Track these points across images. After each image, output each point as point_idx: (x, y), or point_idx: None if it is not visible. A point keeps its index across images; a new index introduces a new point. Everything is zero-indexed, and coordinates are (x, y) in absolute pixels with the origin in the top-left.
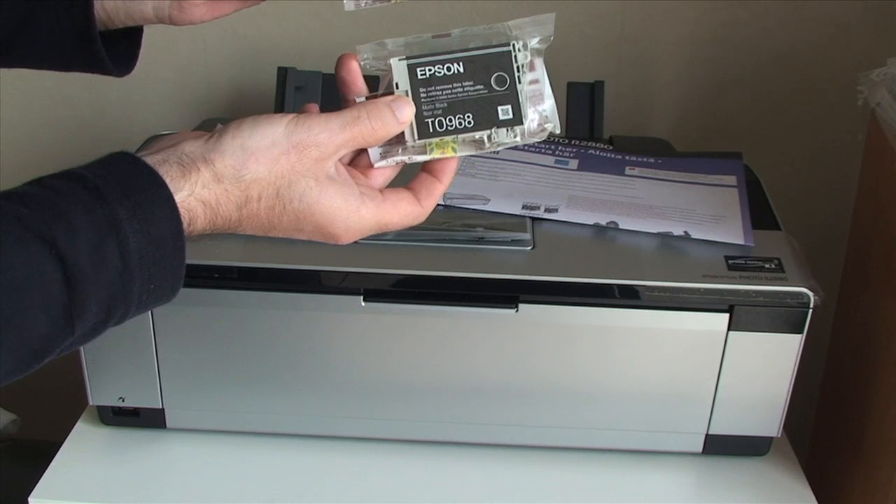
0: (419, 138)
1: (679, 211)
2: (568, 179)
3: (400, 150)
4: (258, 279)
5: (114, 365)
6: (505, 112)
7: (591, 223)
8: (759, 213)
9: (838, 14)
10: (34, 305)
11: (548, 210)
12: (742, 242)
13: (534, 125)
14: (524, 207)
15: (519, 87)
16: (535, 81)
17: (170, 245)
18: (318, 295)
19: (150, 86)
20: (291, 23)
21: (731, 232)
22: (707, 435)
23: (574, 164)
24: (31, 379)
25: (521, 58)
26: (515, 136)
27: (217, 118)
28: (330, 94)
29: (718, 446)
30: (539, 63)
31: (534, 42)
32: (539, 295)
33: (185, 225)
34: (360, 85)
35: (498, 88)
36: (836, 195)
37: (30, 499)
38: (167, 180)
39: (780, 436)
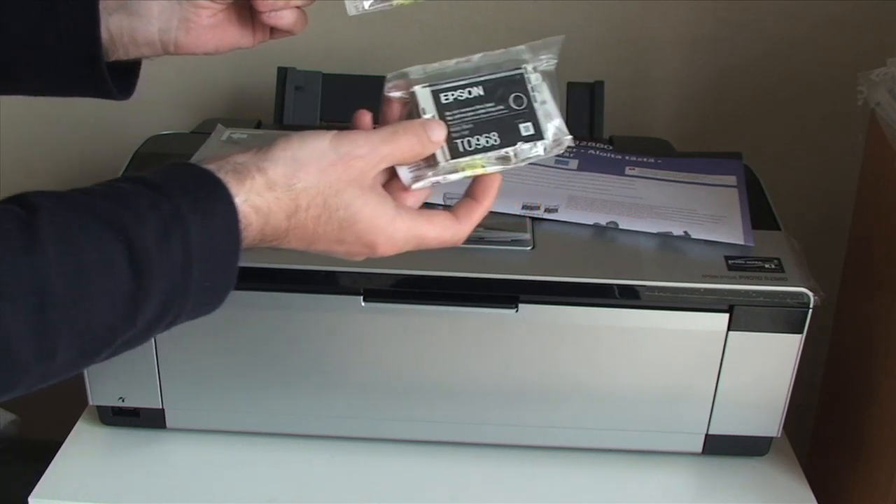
0: (451, 158)
1: (679, 211)
2: (568, 179)
3: (431, 172)
4: (258, 279)
5: (114, 365)
6: (526, 128)
7: (591, 223)
8: (759, 213)
9: (838, 14)
10: (101, 290)
11: (548, 210)
12: (742, 242)
13: (551, 139)
14: (524, 207)
15: (535, 105)
16: (544, 102)
17: (226, 242)
18: (318, 295)
19: (150, 86)
20: None
21: (731, 232)
22: (707, 435)
23: (574, 164)
24: None
25: (534, 79)
26: (538, 151)
27: (217, 118)
28: (330, 94)
29: (718, 446)
30: (545, 87)
31: (542, 65)
32: (539, 295)
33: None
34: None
35: (516, 108)
36: (836, 195)
37: (30, 499)
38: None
39: (780, 436)
